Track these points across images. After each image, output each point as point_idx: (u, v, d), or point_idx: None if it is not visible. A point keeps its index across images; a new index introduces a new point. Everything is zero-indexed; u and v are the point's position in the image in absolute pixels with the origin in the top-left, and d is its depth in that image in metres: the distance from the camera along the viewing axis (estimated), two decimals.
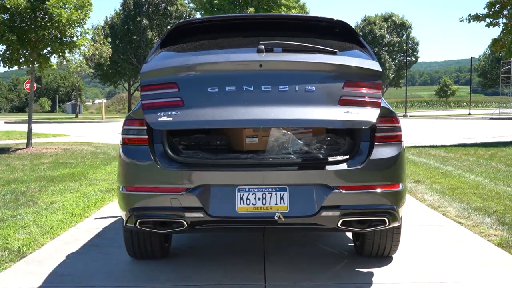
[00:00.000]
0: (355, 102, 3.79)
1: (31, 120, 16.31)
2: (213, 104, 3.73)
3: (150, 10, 57.14)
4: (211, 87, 3.78)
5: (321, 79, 3.82)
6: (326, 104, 3.75)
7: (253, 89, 3.75)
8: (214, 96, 3.75)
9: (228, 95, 3.75)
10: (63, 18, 14.53)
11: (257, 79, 3.78)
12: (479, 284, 4.10)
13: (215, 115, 3.69)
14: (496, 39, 19.00)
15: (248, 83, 3.77)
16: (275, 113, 3.68)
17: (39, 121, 40.35)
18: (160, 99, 3.80)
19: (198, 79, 3.83)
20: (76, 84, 58.79)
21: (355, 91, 3.81)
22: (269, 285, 4.09)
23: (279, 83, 3.77)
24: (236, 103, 3.72)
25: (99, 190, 8.26)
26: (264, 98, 3.73)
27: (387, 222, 3.93)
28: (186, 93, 3.78)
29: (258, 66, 3.81)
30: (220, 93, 3.76)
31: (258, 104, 3.71)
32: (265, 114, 3.67)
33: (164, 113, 3.74)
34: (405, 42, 68.07)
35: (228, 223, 3.91)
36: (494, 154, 13.34)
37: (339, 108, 3.74)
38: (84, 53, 25.61)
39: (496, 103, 69.52)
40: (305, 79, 3.80)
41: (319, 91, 3.78)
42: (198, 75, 3.86)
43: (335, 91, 3.79)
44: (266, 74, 3.80)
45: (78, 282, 4.19)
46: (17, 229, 5.77)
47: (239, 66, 3.89)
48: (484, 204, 6.93)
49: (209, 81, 3.80)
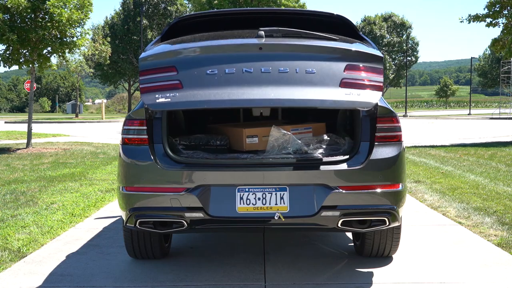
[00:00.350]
0: (356, 84, 3.74)
1: (31, 120, 16.32)
2: (212, 85, 3.67)
3: (150, 10, 57.12)
4: (210, 70, 3.71)
5: (322, 62, 3.77)
6: (327, 85, 3.70)
7: (252, 71, 3.69)
8: (213, 78, 3.69)
9: (227, 77, 3.68)
10: (63, 18, 14.54)
11: (257, 61, 3.72)
12: (479, 284, 4.10)
13: (214, 95, 3.62)
14: (496, 39, 19.00)
15: (248, 65, 3.71)
16: (275, 93, 3.63)
17: (39, 121, 40.35)
18: (159, 82, 3.74)
19: (197, 63, 3.77)
20: (76, 84, 58.76)
21: (356, 74, 3.77)
22: (269, 285, 4.09)
23: (279, 65, 3.72)
24: (236, 84, 3.66)
25: (99, 190, 8.27)
26: (264, 79, 3.67)
27: (387, 222, 3.93)
28: (185, 76, 3.72)
29: (257, 49, 3.77)
30: (220, 75, 3.69)
31: (258, 85, 3.65)
32: (265, 94, 3.62)
33: (162, 94, 3.68)
34: (405, 42, 68.04)
35: (228, 223, 3.91)
36: (494, 154, 13.34)
37: (340, 90, 3.69)
38: (84, 53, 25.64)
39: (496, 103, 69.54)
40: (305, 62, 3.75)
41: (319, 73, 3.73)
42: (197, 58, 3.80)
43: (336, 74, 3.74)
44: (266, 56, 3.75)
45: (78, 282, 4.19)
46: (17, 229, 5.77)
47: (239, 49, 3.85)
48: (484, 204, 6.93)
49: (208, 64, 3.74)
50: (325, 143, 4.21)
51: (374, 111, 4.00)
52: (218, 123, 5.14)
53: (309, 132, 4.47)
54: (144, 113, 3.99)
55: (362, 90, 3.73)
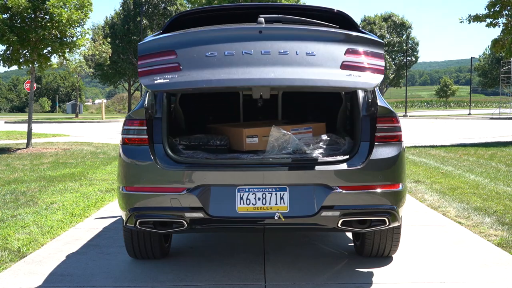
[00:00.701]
0: (357, 67, 3.70)
1: (31, 120, 16.32)
2: (211, 67, 3.62)
3: (150, 10, 57.12)
4: (210, 52, 3.67)
5: (322, 45, 3.73)
6: (327, 67, 3.67)
7: (252, 53, 3.64)
8: (212, 60, 3.64)
9: (227, 58, 3.64)
10: (63, 18, 14.54)
11: (257, 44, 3.68)
12: (479, 284, 4.10)
13: (213, 75, 3.58)
14: (496, 39, 19.00)
15: (248, 47, 3.67)
16: (276, 73, 3.59)
17: (39, 121, 40.35)
18: (158, 66, 3.69)
19: (197, 47, 3.72)
20: (76, 84, 58.77)
21: (356, 58, 3.73)
22: (269, 285, 4.09)
23: (279, 47, 3.68)
24: (235, 65, 3.62)
25: (99, 190, 8.26)
26: (264, 60, 3.63)
27: (387, 222, 3.93)
28: (184, 59, 3.67)
29: (257, 32, 3.72)
30: (219, 57, 3.65)
31: (257, 66, 3.61)
32: (265, 74, 3.58)
33: (161, 76, 3.64)
34: (405, 42, 68.05)
35: (228, 223, 3.91)
36: (494, 154, 13.33)
37: (341, 71, 3.66)
38: (84, 53, 25.63)
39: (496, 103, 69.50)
40: (306, 45, 3.71)
41: (320, 56, 3.69)
42: (197, 42, 3.75)
43: (336, 57, 3.70)
44: (266, 39, 3.71)
45: (78, 282, 4.19)
46: (17, 229, 5.77)
47: (238, 32, 3.82)
48: (484, 204, 6.93)
49: (208, 48, 3.70)
50: (325, 143, 4.21)
51: (374, 111, 4.00)
52: (218, 123, 5.15)
53: (309, 132, 4.47)
54: (144, 113, 3.99)
55: (363, 72, 3.69)
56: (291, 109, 5.42)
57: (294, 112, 5.42)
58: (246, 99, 5.48)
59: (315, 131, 4.50)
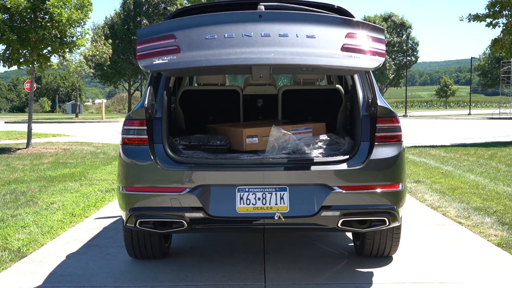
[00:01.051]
0: (358, 49, 3.71)
1: (31, 120, 16.31)
2: (211, 48, 3.63)
3: (150, 10, 57.09)
4: (209, 35, 3.67)
5: (323, 28, 3.73)
6: (327, 48, 3.67)
7: (252, 35, 3.65)
8: (212, 42, 3.64)
9: (226, 40, 3.64)
10: (63, 18, 14.53)
11: (256, 27, 3.68)
12: (479, 284, 4.10)
13: (212, 55, 3.59)
14: (496, 39, 19.00)
15: (248, 30, 3.67)
16: (276, 53, 3.60)
17: (39, 121, 40.34)
18: (157, 49, 3.69)
19: (196, 30, 3.72)
20: (76, 84, 58.75)
21: (357, 41, 3.74)
22: (269, 285, 4.09)
23: (279, 30, 3.68)
24: (235, 46, 3.62)
25: (99, 190, 8.26)
26: (264, 42, 3.63)
27: (387, 222, 3.93)
28: (183, 42, 3.67)
29: (257, 17, 3.73)
30: (219, 39, 3.65)
31: (257, 46, 3.61)
32: (265, 53, 3.58)
33: (159, 58, 3.65)
34: (405, 42, 68.02)
35: (228, 223, 3.91)
36: (494, 154, 13.34)
37: (342, 52, 3.67)
38: (84, 53, 25.61)
39: (496, 103, 69.49)
40: (306, 28, 3.71)
41: (320, 38, 3.69)
42: (196, 26, 3.75)
43: (337, 39, 3.70)
44: (266, 22, 3.71)
45: (78, 282, 4.19)
46: (17, 229, 5.77)
47: (238, 16, 3.81)
48: (484, 204, 6.93)
49: (207, 31, 3.70)
50: (325, 143, 4.21)
51: (374, 111, 4.00)
52: (218, 123, 5.15)
53: (309, 132, 4.47)
54: (144, 113, 3.99)
55: (363, 54, 3.70)
56: (291, 109, 5.42)
57: (294, 112, 5.42)
58: (246, 99, 5.48)
59: (315, 131, 4.50)
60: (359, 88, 4.20)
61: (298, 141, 4.14)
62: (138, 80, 53.52)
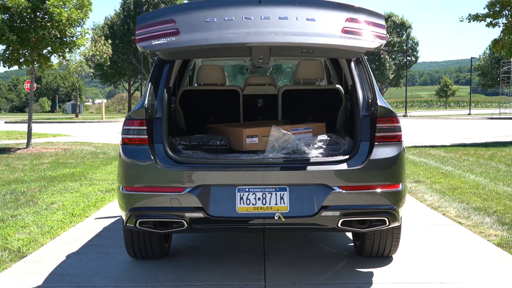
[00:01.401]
0: (358, 32, 3.76)
1: (31, 120, 16.31)
2: (210, 30, 3.67)
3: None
4: (209, 18, 3.72)
5: (323, 12, 3.78)
6: (328, 30, 3.72)
7: (252, 18, 3.69)
8: (211, 24, 3.69)
9: (226, 22, 3.69)
10: (63, 18, 14.53)
11: (256, 10, 3.72)
12: (479, 284, 4.10)
13: (212, 35, 3.63)
14: (497, 39, 19.00)
15: (247, 13, 3.72)
16: (275, 32, 3.63)
17: (39, 121, 40.33)
18: (156, 32, 3.73)
19: (196, 14, 3.77)
20: (76, 84, 58.74)
21: (357, 25, 3.79)
22: (269, 285, 4.09)
23: (279, 13, 3.73)
24: (234, 28, 3.66)
25: (99, 190, 8.26)
26: (264, 23, 3.67)
27: (387, 222, 3.93)
28: (183, 25, 3.73)
29: (257, 1, 3.78)
30: (218, 22, 3.70)
31: (257, 27, 3.65)
32: (265, 33, 3.62)
33: (159, 39, 3.69)
34: (405, 42, 68.00)
35: (228, 223, 3.91)
36: (494, 154, 13.33)
37: (341, 34, 3.71)
38: (84, 53, 25.62)
39: (496, 103, 69.47)
40: (306, 11, 3.76)
41: (320, 21, 3.74)
42: (196, 9, 3.80)
43: (337, 22, 3.75)
44: (266, 5, 3.75)
45: (78, 282, 4.19)
46: (17, 229, 5.77)
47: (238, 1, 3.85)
48: (484, 204, 6.93)
49: (207, 14, 3.75)
50: (325, 143, 4.21)
51: (374, 111, 4.00)
52: (218, 123, 5.15)
53: (309, 132, 4.47)
54: (144, 113, 3.98)
55: (363, 36, 3.75)
56: (291, 109, 5.42)
57: (294, 112, 5.42)
58: (246, 99, 5.48)
59: (315, 131, 4.50)
60: (359, 88, 4.20)
61: (298, 141, 4.14)
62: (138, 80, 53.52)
